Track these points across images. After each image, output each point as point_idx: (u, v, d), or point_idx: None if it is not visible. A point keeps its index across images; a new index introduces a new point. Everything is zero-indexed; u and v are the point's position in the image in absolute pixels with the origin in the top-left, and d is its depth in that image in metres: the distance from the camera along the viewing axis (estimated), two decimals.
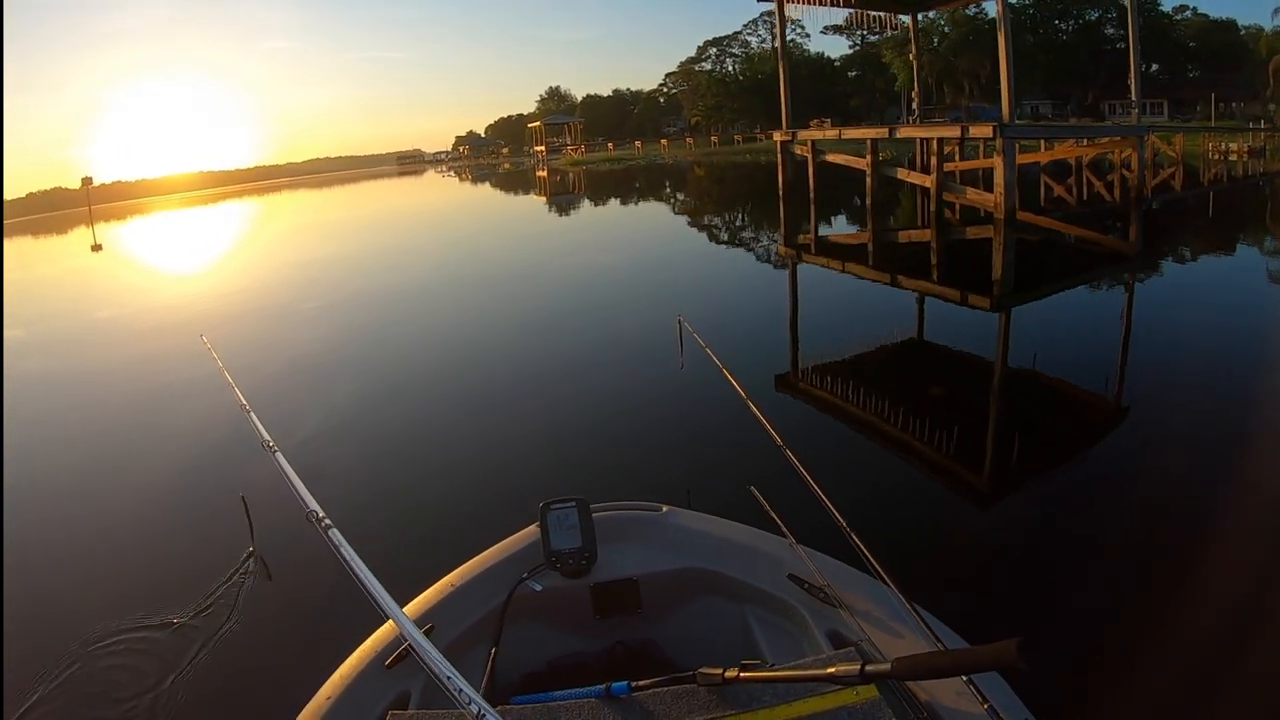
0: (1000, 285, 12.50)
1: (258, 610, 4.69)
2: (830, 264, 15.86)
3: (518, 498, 4.21)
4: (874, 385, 8.03)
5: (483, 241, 25.63)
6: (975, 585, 4.37)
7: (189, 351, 9.37)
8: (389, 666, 2.37)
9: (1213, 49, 67.31)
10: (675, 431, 6.94)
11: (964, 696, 1.91)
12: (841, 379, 8.29)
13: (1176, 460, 5.80)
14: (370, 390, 9.44)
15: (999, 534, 5.16)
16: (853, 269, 14.96)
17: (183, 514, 6.31)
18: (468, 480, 6.31)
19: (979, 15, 68.79)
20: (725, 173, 49.65)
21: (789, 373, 8.80)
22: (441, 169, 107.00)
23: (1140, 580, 4.33)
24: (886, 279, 14.01)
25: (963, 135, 17.79)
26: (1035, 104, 67.46)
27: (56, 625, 4.66)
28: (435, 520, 5.53)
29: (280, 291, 18.67)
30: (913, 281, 13.36)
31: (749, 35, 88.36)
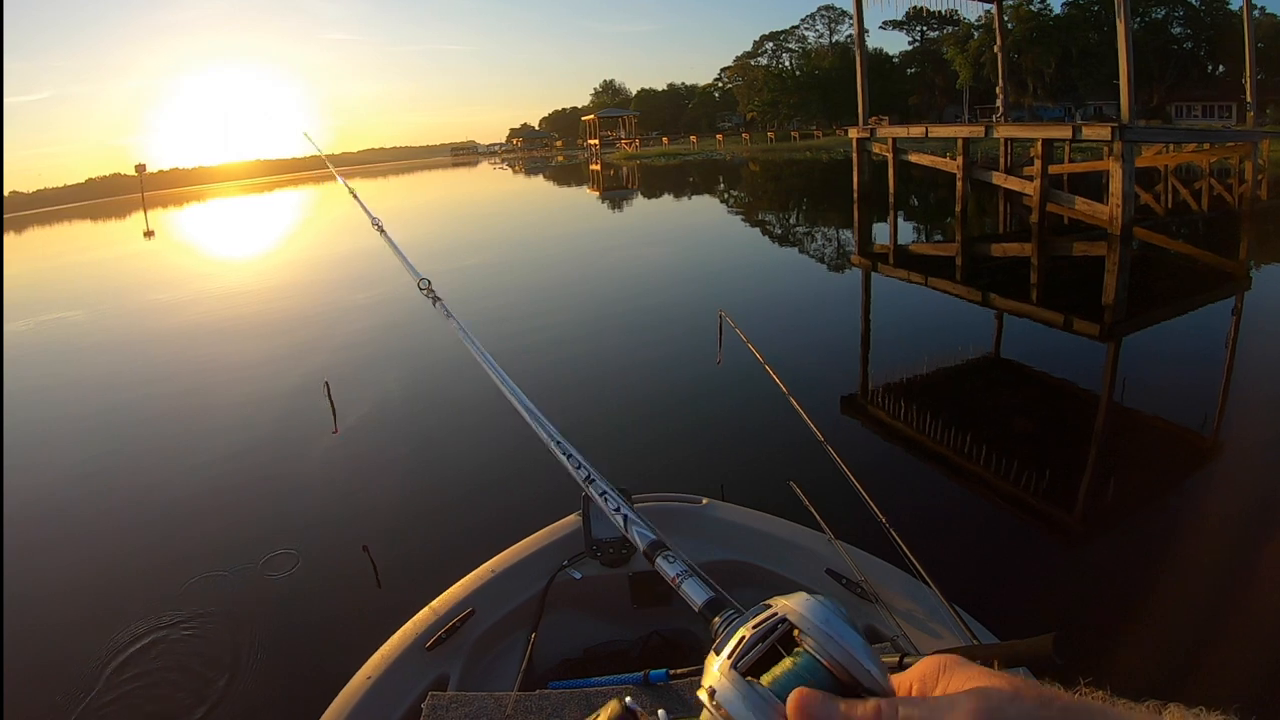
0: (1112, 311, 11.11)
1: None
2: (911, 278, 14.32)
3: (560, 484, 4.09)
4: (951, 414, 7.29)
5: (542, 231, 25.28)
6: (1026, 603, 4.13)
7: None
8: (429, 648, 2.37)
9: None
10: (716, 425, 6.93)
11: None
12: (916, 405, 7.61)
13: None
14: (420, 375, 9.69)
15: (1062, 562, 4.81)
16: (938, 285, 13.53)
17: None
18: (510, 471, 6.23)
19: (1044, 11, 66.99)
20: (783, 170, 48.52)
21: (855, 394, 8.16)
22: (495, 161, 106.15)
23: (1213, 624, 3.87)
24: (977, 298, 12.53)
25: (1074, 136, 16.02)
26: (1099, 105, 64.78)
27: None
28: (470, 527, 5.45)
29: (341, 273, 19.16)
30: (1008, 302, 11.99)
31: (806, 30, 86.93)
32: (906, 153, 21.39)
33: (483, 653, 2.51)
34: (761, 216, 25.85)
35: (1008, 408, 7.57)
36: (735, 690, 0.55)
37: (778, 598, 0.60)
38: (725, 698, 0.55)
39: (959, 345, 9.85)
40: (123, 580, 5.15)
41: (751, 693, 0.54)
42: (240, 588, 4.79)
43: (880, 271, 15.28)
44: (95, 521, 6.21)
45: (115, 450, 8.00)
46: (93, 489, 6.99)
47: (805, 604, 0.56)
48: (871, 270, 15.41)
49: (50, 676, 4.06)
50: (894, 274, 14.99)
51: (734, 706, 0.54)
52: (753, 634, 0.57)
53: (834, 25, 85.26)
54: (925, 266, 15.25)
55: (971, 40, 70.17)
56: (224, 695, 3.84)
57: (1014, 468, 5.89)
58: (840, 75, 78.63)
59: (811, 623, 0.55)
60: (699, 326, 9.65)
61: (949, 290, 13.17)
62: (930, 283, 13.69)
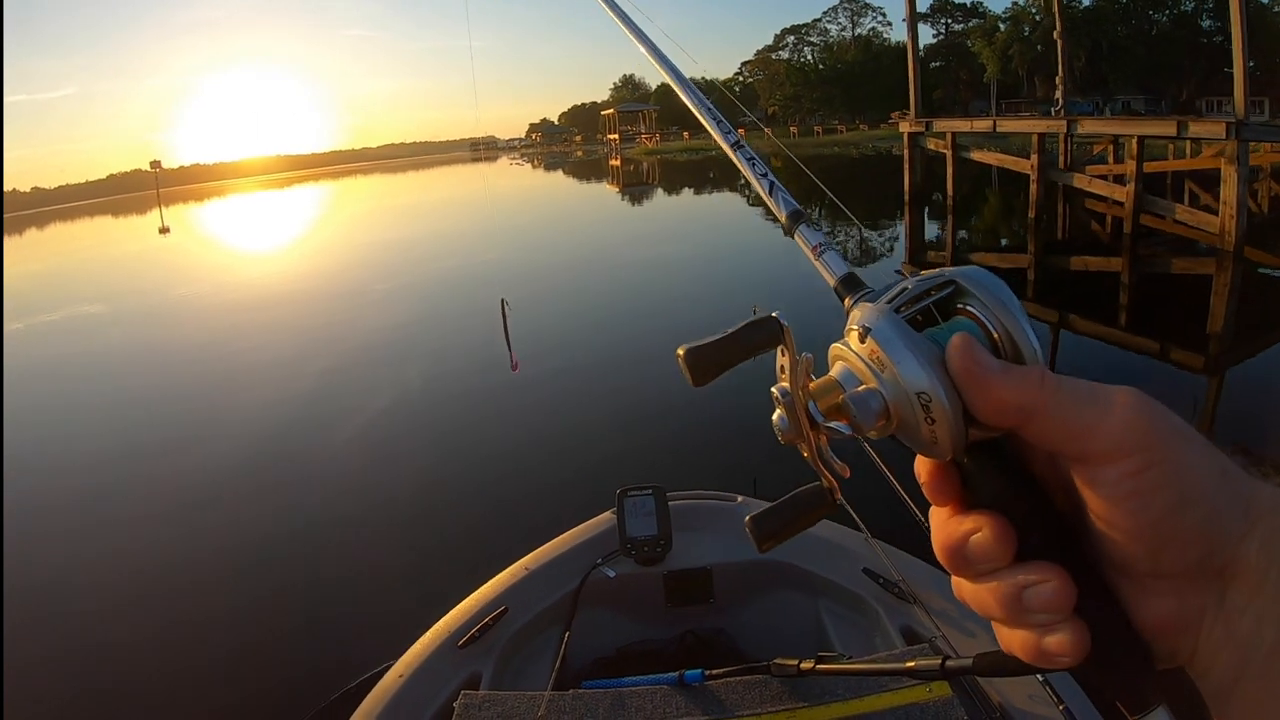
0: (1219, 340, 9.67)
1: None
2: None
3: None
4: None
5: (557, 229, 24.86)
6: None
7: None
8: (462, 646, 2.35)
9: None
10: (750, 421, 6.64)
11: (1037, 700, 1.89)
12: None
13: None
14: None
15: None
16: None
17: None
18: (548, 469, 6.46)
19: (1073, 4, 65.01)
20: (808, 166, 45.78)
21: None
22: (514, 157, 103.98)
23: None
24: (1053, 318, 10.77)
25: (1180, 133, 13.88)
26: (1127, 99, 64.21)
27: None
28: (513, 513, 5.62)
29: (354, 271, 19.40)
30: (1091, 324, 10.59)
31: (828, 23, 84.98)
32: (969, 150, 19.60)
33: (515, 651, 2.45)
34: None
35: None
36: (895, 328, 0.49)
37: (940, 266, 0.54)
38: (882, 335, 0.49)
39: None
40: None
41: (914, 333, 0.49)
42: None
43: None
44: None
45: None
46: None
47: (972, 270, 0.52)
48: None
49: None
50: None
51: (891, 344, 0.49)
52: (916, 285, 0.52)
53: (856, 18, 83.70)
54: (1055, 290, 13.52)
55: (998, 33, 68.87)
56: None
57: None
58: (864, 69, 77.61)
59: (981, 285, 0.51)
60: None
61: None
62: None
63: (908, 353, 0.48)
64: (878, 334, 0.49)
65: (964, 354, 0.47)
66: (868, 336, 0.50)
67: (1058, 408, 0.45)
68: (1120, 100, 63.66)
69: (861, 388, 0.50)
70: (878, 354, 0.49)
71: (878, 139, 59.57)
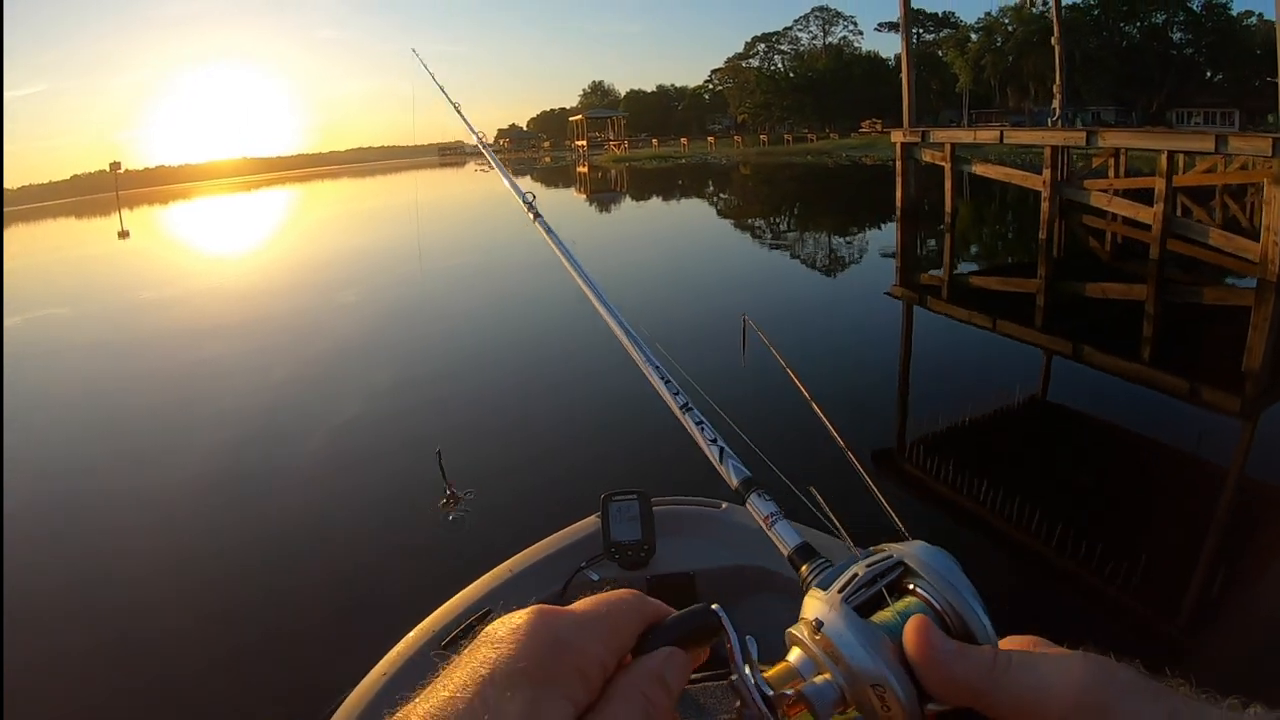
0: (1256, 380, 8.39)
1: None
2: (974, 319, 11.21)
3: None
4: (1026, 490, 5.77)
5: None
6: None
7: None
8: (445, 646, 2.32)
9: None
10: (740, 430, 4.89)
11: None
12: (987, 481, 5.97)
13: None
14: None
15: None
16: (1011, 330, 10.55)
17: None
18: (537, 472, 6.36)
19: (1047, 13, 64.30)
20: (779, 174, 45.32)
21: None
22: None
23: None
24: (1065, 349, 9.69)
25: (1218, 149, 11.93)
26: (1098, 110, 63.46)
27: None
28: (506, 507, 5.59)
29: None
30: (1111, 359, 9.19)
31: (799, 31, 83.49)
32: (971, 162, 17.90)
33: None
34: (769, 232, 22.93)
35: (1111, 497, 5.92)
36: (846, 622, 0.53)
37: (888, 543, 0.60)
38: (834, 629, 0.53)
39: (1035, 414, 7.80)
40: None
41: (865, 624, 0.53)
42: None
43: (931, 308, 12.24)
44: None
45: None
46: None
47: (920, 549, 0.56)
48: (917, 305, 12.47)
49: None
50: (949, 312, 11.91)
51: (843, 638, 0.52)
52: (866, 572, 0.56)
53: (828, 27, 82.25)
54: (992, 305, 12.01)
55: (971, 43, 68.02)
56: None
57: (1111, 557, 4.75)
58: (834, 78, 76.61)
59: (928, 566, 0.55)
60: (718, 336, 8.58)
61: (1026, 338, 10.26)
62: (999, 327, 10.68)
63: (860, 648, 0.51)
64: (830, 630, 0.52)
65: (919, 639, 0.50)
66: (820, 630, 0.53)
67: (1011, 686, 0.47)
68: (1091, 111, 62.97)
69: (819, 678, 0.52)
70: (831, 647, 0.52)
71: (850, 148, 58.24)
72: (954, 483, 6.11)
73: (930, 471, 6.40)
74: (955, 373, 9.09)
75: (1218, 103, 59.45)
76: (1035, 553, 5.10)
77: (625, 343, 1.35)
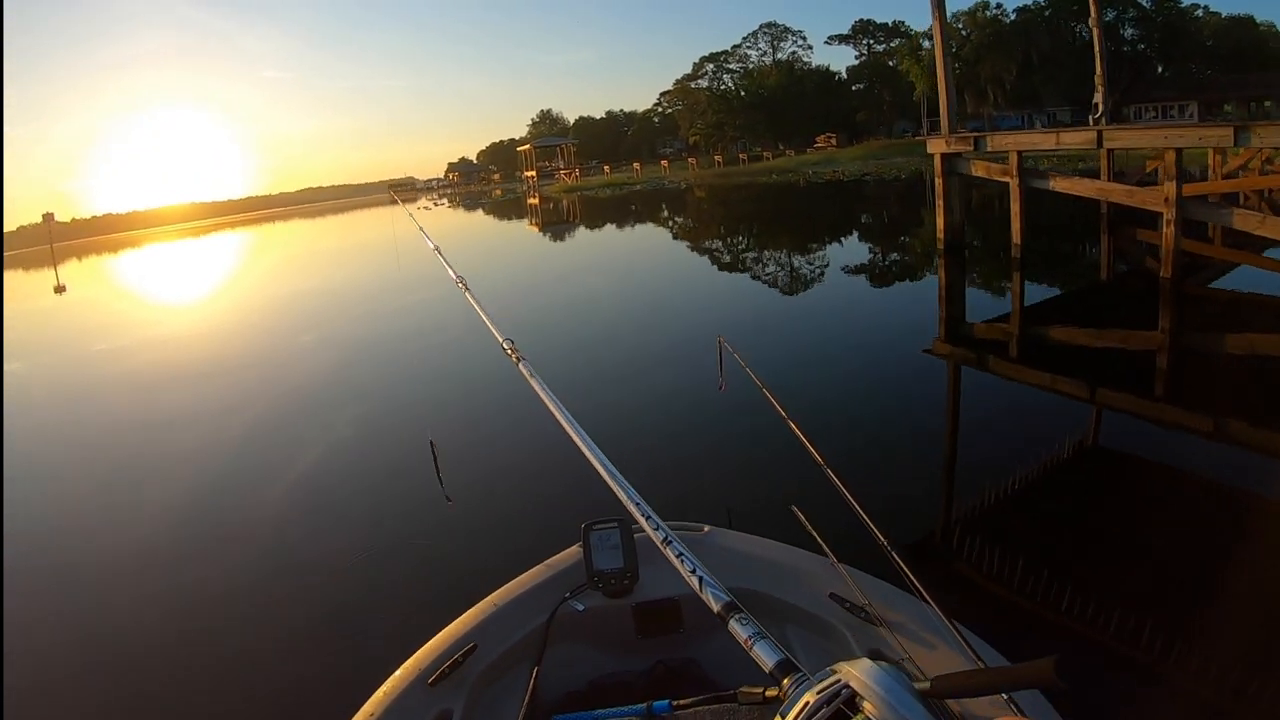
0: None
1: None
2: (1059, 385, 7.85)
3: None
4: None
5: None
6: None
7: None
8: (431, 684, 2.25)
9: (1232, 47, 61.85)
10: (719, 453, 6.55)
11: (1004, 716, 1.81)
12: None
13: None
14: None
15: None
16: (1119, 402, 7.24)
17: None
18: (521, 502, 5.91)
19: (1000, 15, 62.45)
20: (735, 195, 41.20)
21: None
22: (434, 197, 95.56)
23: None
24: (1206, 427, 6.40)
25: None
26: (1053, 111, 62.76)
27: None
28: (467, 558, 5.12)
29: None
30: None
31: (748, 49, 79.66)
32: (1049, 176, 13.53)
33: (486, 687, 2.35)
34: (751, 267, 18.50)
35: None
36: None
37: (843, 664, 0.62)
38: None
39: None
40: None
41: None
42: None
43: (993, 369, 8.69)
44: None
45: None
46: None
47: (869, 672, 0.58)
48: (972, 365, 9.00)
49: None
50: (1023, 376, 8.39)
51: None
52: (817, 699, 0.59)
53: (777, 43, 78.46)
54: (1085, 365, 8.36)
55: (925, 50, 65.35)
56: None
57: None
58: (787, 94, 73.37)
59: (875, 691, 0.57)
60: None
61: (1148, 414, 6.91)
62: (1099, 397, 7.28)
63: None
64: None
65: None
66: None
67: None
68: (1049, 112, 61.67)
69: None
70: None
71: (811, 164, 54.63)
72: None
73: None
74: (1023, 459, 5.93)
75: (1172, 96, 58.01)
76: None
77: (606, 478, 1.64)
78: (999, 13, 63.35)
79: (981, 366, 8.83)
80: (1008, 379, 8.37)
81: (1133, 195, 12.43)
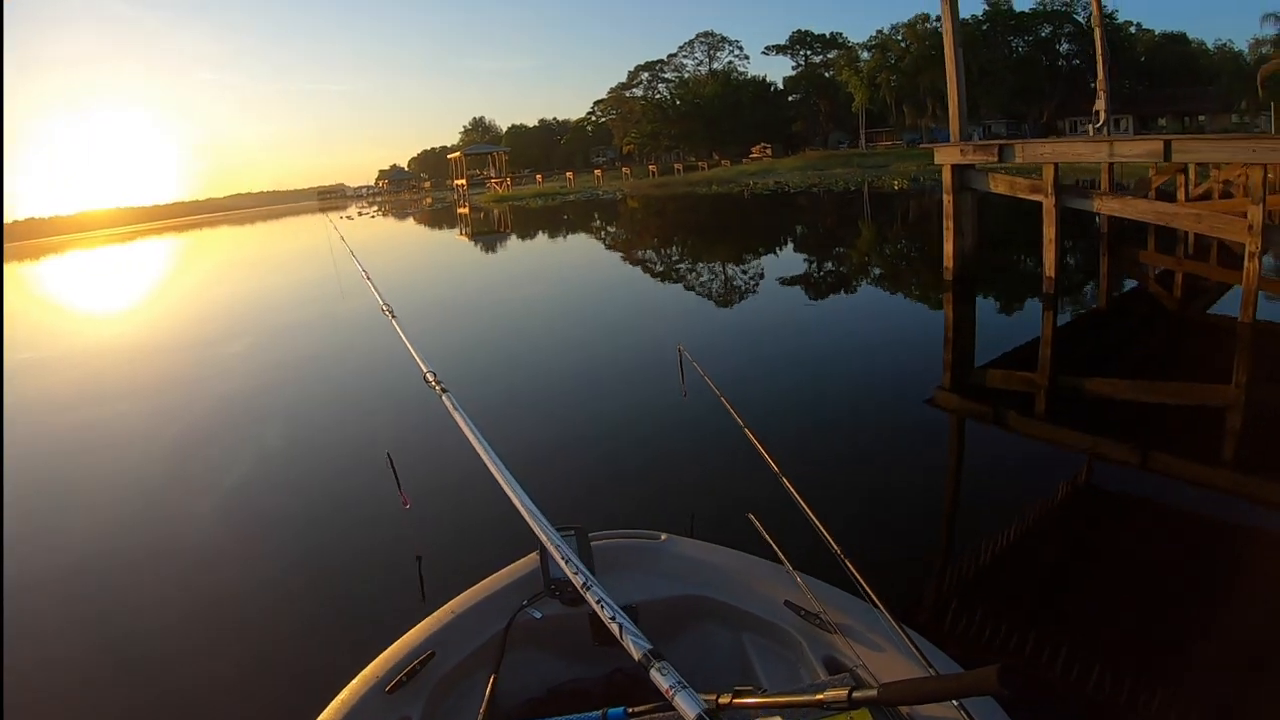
0: None
1: None
2: (1101, 449, 5.88)
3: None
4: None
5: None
6: None
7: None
8: (390, 691, 2.23)
9: (1166, 63, 61.98)
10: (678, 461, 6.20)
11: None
12: None
13: None
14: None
15: None
16: (1177, 469, 5.43)
17: None
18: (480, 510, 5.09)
19: (939, 26, 60.06)
20: (671, 206, 37.90)
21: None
22: (361, 205, 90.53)
23: None
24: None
25: None
26: (988, 124, 62.06)
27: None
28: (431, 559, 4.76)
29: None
30: None
31: (684, 58, 76.49)
32: (1083, 193, 11.12)
33: (444, 695, 2.33)
34: (709, 295, 14.89)
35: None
36: None
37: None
38: None
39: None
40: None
41: None
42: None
43: (1013, 427, 6.74)
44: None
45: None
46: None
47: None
48: (989, 421, 7.01)
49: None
50: (1056, 437, 6.40)
51: None
52: None
53: (713, 52, 75.51)
54: (1130, 423, 6.48)
55: (863, 61, 63.75)
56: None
57: None
58: (723, 103, 70.96)
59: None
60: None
61: (1222, 486, 5.13)
62: (1151, 461, 5.58)
63: None
64: None
65: None
66: None
67: None
68: (983, 125, 59.68)
69: None
70: None
71: (748, 174, 51.86)
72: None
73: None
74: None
75: (1111, 109, 56.94)
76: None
77: (538, 531, 1.59)
78: (938, 25, 61.15)
79: (994, 420, 6.91)
80: (1031, 438, 6.53)
81: (1202, 221, 9.59)
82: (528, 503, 1.79)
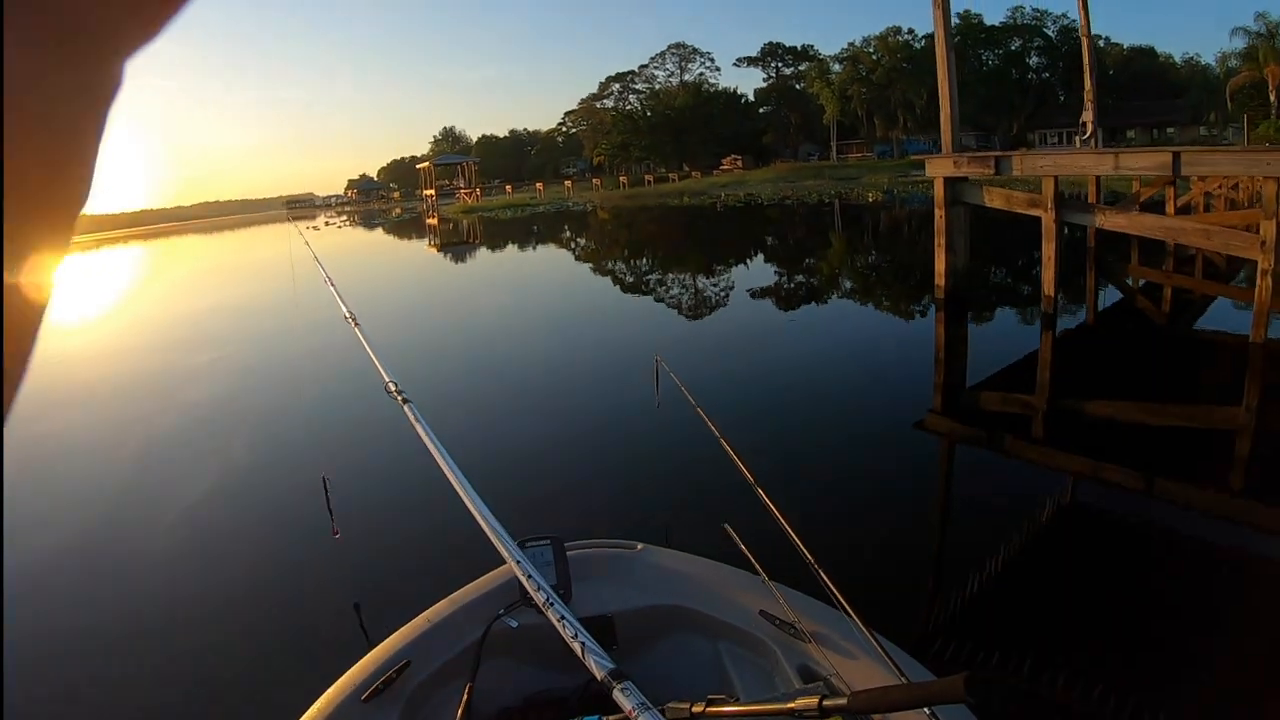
0: None
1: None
2: (1106, 474, 5.56)
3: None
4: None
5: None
6: None
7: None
8: (365, 700, 2.20)
9: (1135, 76, 62.25)
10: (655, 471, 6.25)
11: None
12: None
13: None
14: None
15: None
16: (1184, 495, 5.20)
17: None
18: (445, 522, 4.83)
19: (912, 40, 61.44)
20: (641, 218, 37.23)
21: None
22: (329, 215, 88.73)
23: None
24: None
25: None
26: (958, 136, 58.67)
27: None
28: (415, 568, 4.83)
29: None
30: None
31: (655, 69, 75.73)
32: (1086, 210, 10.07)
33: (420, 704, 2.29)
34: (682, 309, 14.30)
35: None
36: None
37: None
38: None
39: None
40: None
41: None
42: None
43: (1010, 450, 6.44)
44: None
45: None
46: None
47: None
48: (983, 446, 6.72)
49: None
50: (1054, 461, 6.10)
51: None
52: None
53: (684, 64, 74.91)
54: (1135, 447, 6.09)
55: (835, 74, 63.54)
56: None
57: None
58: (694, 115, 70.28)
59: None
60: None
61: (1234, 515, 4.92)
62: (1162, 490, 5.24)
63: None
64: None
65: None
66: None
67: None
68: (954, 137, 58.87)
69: None
70: None
71: (719, 186, 51.20)
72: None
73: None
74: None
75: (1074, 123, 57.32)
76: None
77: (500, 548, 1.61)
78: (910, 38, 61.72)
79: (989, 444, 6.71)
80: (1029, 462, 6.27)
81: (1211, 238, 8.81)
82: (488, 515, 1.78)
